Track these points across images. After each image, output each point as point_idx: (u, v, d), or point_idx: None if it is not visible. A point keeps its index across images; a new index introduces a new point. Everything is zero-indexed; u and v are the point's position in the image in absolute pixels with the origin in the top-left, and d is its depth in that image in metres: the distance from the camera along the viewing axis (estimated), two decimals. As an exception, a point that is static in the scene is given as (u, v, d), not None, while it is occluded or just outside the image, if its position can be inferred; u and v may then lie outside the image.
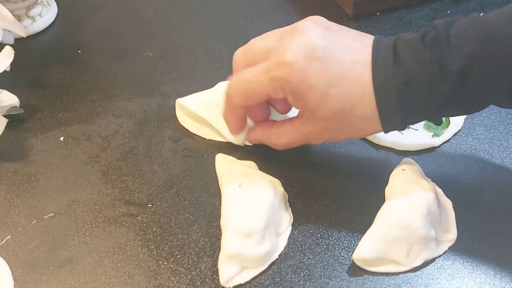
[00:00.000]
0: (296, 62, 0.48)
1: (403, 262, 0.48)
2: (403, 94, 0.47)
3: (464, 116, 0.61)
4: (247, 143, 0.58)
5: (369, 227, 0.49)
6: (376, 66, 0.47)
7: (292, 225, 0.52)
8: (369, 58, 0.48)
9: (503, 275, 0.49)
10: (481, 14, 0.48)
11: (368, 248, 0.48)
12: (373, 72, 0.47)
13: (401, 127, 0.50)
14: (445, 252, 0.50)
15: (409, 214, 0.48)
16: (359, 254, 0.48)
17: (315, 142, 0.54)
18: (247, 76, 0.51)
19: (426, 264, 0.49)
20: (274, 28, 0.72)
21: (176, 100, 0.62)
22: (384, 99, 0.47)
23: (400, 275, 0.49)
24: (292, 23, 0.52)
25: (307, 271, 0.49)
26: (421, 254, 0.48)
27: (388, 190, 0.52)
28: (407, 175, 0.52)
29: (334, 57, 0.48)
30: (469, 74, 0.45)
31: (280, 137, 0.54)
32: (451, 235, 0.51)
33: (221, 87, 0.59)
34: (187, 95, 0.63)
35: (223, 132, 0.58)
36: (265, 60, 0.50)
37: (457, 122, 0.60)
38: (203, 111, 0.59)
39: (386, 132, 0.50)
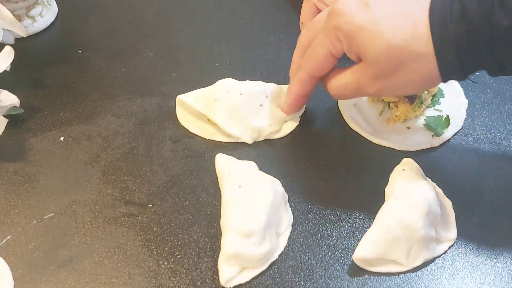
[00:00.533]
0: (345, 9, 0.49)
1: (403, 262, 0.48)
2: (458, 25, 0.45)
3: (464, 116, 0.61)
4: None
5: (369, 227, 0.50)
6: (433, 2, 0.46)
7: (292, 225, 0.52)
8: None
9: (503, 275, 0.49)
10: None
11: (368, 248, 0.48)
12: (430, 6, 0.46)
13: (458, 70, 0.47)
14: (445, 252, 0.50)
15: (409, 214, 0.48)
16: (359, 254, 0.48)
17: (368, 90, 0.51)
18: (312, 42, 0.53)
19: (426, 264, 0.49)
20: (274, 28, 0.73)
21: (177, 97, 0.62)
22: (437, 29, 0.45)
23: (400, 275, 0.49)
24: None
25: (307, 271, 0.49)
26: (421, 254, 0.48)
27: (388, 190, 0.52)
28: (407, 175, 0.52)
29: (385, 1, 0.48)
30: None
31: (337, 78, 0.53)
32: (451, 235, 0.51)
33: (221, 82, 0.59)
34: (187, 95, 0.64)
35: (221, 126, 0.58)
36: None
37: (457, 122, 0.60)
38: (201, 106, 0.59)
39: (444, 77, 0.47)
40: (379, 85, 0.50)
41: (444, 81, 0.48)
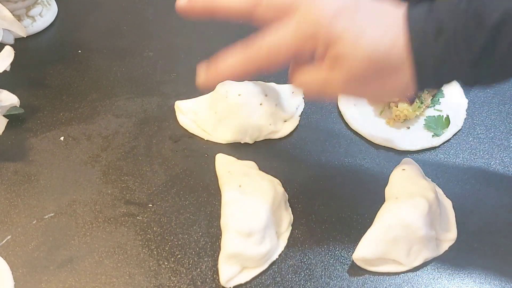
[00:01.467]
0: (324, 18, 0.45)
1: (403, 261, 0.48)
2: (436, 42, 0.44)
3: (464, 116, 0.61)
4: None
5: (369, 227, 0.50)
6: (411, 13, 0.45)
7: (292, 225, 0.52)
8: (402, 8, 0.46)
9: (503, 275, 0.49)
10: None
11: (368, 248, 0.48)
12: (407, 17, 0.45)
13: (434, 81, 0.46)
14: (445, 252, 0.50)
15: (409, 214, 0.48)
16: (359, 254, 0.48)
17: (335, 91, 0.49)
18: (272, 35, 0.48)
19: (426, 264, 0.49)
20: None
21: (175, 103, 0.62)
22: (416, 45, 0.45)
23: (400, 275, 0.49)
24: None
25: (307, 271, 0.49)
26: (421, 253, 0.48)
27: (388, 190, 0.52)
28: (407, 175, 0.52)
29: (365, 8, 0.46)
30: (504, 29, 0.43)
31: (303, 73, 0.49)
32: (451, 235, 0.51)
33: (219, 88, 0.59)
34: (187, 95, 0.64)
35: (220, 142, 0.60)
36: (288, 15, 0.47)
37: (457, 122, 0.60)
38: (199, 129, 0.60)
39: (419, 88, 0.46)
40: (348, 89, 0.48)
41: (418, 91, 0.47)
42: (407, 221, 0.47)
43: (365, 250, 0.48)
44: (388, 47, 0.45)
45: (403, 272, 0.49)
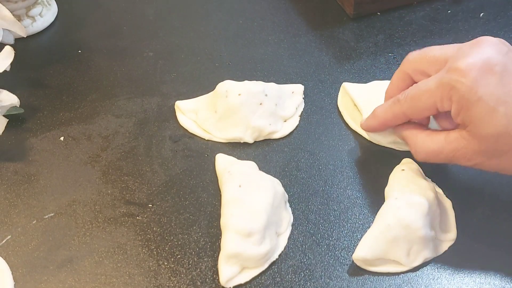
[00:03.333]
0: (470, 71, 0.45)
1: (403, 262, 0.48)
2: None
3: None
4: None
5: (369, 227, 0.50)
6: None
7: (292, 225, 0.52)
8: None
9: (503, 275, 0.49)
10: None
11: (368, 248, 0.48)
12: None
13: None
14: (445, 252, 0.50)
15: (408, 214, 0.48)
16: (359, 254, 0.48)
17: (463, 162, 0.48)
18: (417, 85, 0.49)
19: (426, 264, 0.49)
20: (275, 28, 0.73)
21: (176, 103, 0.62)
22: None
23: (400, 275, 0.49)
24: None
25: (307, 271, 0.49)
26: (421, 253, 0.48)
27: (388, 190, 0.52)
28: (407, 175, 0.52)
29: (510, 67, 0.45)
30: None
31: (428, 143, 0.50)
32: (451, 235, 0.51)
33: (219, 87, 0.59)
34: (187, 95, 0.64)
35: (220, 141, 0.60)
36: (439, 70, 0.48)
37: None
38: (200, 129, 0.60)
39: None
40: (476, 160, 0.47)
41: None
42: (406, 221, 0.47)
43: (364, 250, 0.48)
44: None
45: (403, 272, 0.49)
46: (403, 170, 0.53)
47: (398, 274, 0.49)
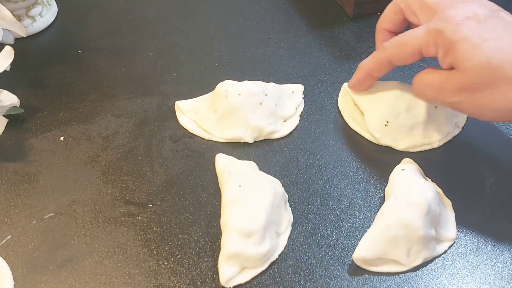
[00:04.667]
0: (455, 17, 0.49)
1: (403, 261, 0.48)
2: None
3: (465, 116, 0.61)
4: None
5: (369, 227, 0.50)
6: None
7: (292, 225, 0.52)
8: None
9: (503, 274, 0.49)
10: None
11: (368, 248, 0.48)
12: None
13: None
14: (445, 252, 0.50)
15: (408, 214, 0.48)
16: (359, 254, 0.48)
17: (448, 97, 0.50)
18: (405, 33, 0.53)
19: (426, 264, 0.49)
20: (274, 28, 0.73)
21: (176, 103, 0.62)
22: None
23: (400, 275, 0.49)
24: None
25: (307, 271, 0.49)
26: (421, 253, 0.49)
27: (388, 190, 0.52)
28: (407, 175, 0.52)
29: (498, 19, 0.48)
30: None
31: (424, 74, 0.52)
32: (451, 234, 0.51)
33: (219, 87, 0.59)
34: (187, 95, 0.64)
35: (220, 141, 0.60)
36: (428, 18, 0.51)
37: (458, 123, 0.60)
38: (200, 129, 0.60)
39: None
40: (461, 97, 0.49)
41: None
42: (406, 221, 0.47)
43: (364, 250, 0.48)
44: (508, 57, 0.46)
45: (403, 272, 0.49)
46: (403, 170, 0.53)
47: (398, 274, 0.49)
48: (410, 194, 0.49)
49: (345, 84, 0.62)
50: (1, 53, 0.61)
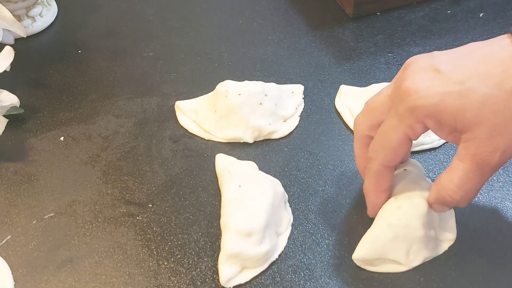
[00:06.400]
0: (417, 85, 0.43)
1: (403, 261, 0.48)
2: None
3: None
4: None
5: (369, 227, 0.49)
6: None
7: (292, 225, 0.52)
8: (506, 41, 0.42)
9: (503, 275, 0.49)
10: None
11: (367, 248, 0.48)
12: None
13: None
14: (445, 252, 0.50)
15: (408, 214, 0.48)
16: (359, 254, 0.48)
17: (492, 160, 0.42)
18: (380, 129, 0.46)
19: (426, 263, 0.49)
20: (274, 28, 0.73)
21: (176, 103, 0.62)
22: None
23: (400, 275, 0.49)
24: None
25: (307, 271, 0.49)
26: (420, 253, 0.48)
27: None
28: (408, 175, 0.52)
29: (456, 59, 0.43)
30: None
31: (450, 179, 0.44)
32: (451, 235, 0.51)
33: (219, 87, 0.59)
34: (187, 95, 0.64)
35: (220, 141, 0.60)
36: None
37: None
38: (200, 129, 0.61)
39: None
40: (498, 145, 0.41)
41: None
42: (406, 221, 0.47)
43: (364, 251, 0.48)
44: (499, 76, 0.41)
45: (403, 272, 0.49)
46: (405, 170, 0.53)
47: (397, 273, 0.49)
48: (410, 194, 0.49)
49: (342, 86, 0.63)
50: (1, 53, 0.61)
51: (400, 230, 0.47)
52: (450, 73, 0.42)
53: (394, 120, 0.45)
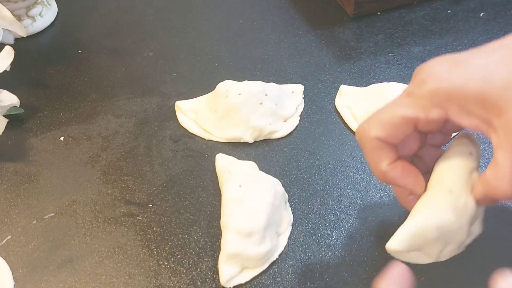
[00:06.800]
0: (437, 70, 0.41)
1: (434, 256, 0.44)
2: None
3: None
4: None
5: (369, 227, 0.49)
6: None
7: (292, 225, 0.52)
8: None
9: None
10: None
11: (406, 241, 0.42)
12: None
13: None
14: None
15: (459, 219, 0.42)
16: (397, 246, 0.42)
17: None
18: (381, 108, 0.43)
19: (425, 264, 0.49)
20: (275, 28, 0.73)
21: (176, 103, 0.62)
22: None
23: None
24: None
25: (307, 271, 0.49)
26: (453, 251, 0.44)
27: (438, 173, 0.44)
28: (470, 162, 0.43)
29: (477, 52, 0.41)
30: None
31: (497, 175, 0.39)
32: (478, 230, 0.45)
33: (220, 87, 0.59)
34: (187, 95, 0.64)
35: (220, 140, 0.60)
36: None
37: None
38: (200, 128, 0.61)
39: None
40: None
41: None
42: (456, 226, 0.42)
43: (403, 243, 0.42)
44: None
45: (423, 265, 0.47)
46: (470, 153, 0.43)
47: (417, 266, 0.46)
48: (467, 189, 0.42)
49: (343, 85, 0.63)
50: (1, 53, 0.61)
51: (447, 234, 0.42)
52: (470, 59, 0.40)
53: (408, 100, 0.41)
